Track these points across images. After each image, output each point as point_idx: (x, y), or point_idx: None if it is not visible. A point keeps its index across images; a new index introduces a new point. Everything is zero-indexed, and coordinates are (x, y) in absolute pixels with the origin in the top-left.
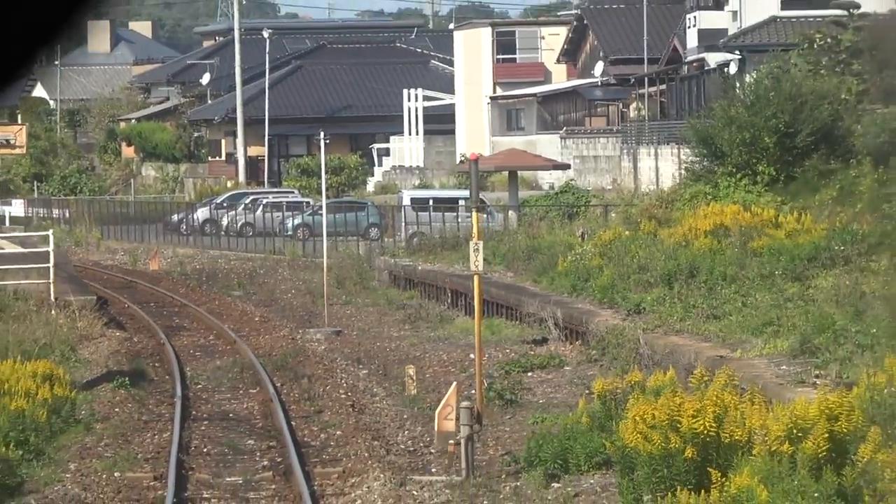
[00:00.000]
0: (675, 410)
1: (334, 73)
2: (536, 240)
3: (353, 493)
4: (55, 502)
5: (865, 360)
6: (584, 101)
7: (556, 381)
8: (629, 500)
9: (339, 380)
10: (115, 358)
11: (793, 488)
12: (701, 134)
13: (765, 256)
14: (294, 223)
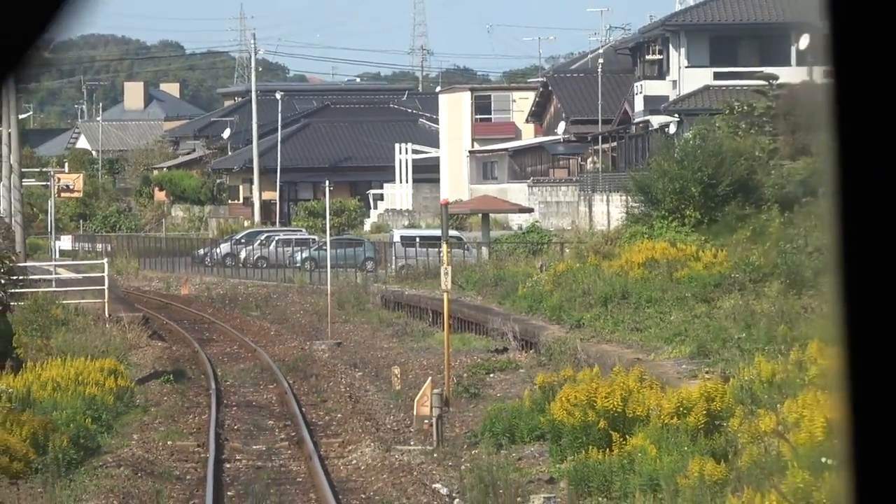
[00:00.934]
0: (593, 393)
1: (337, 129)
2: (502, 270)
3: (350, 457)
4: (125, 460)
5: (744, 360)
6: (549, 155)
7: (512, 380)
8: (557, 460)
9: (340, 379)
10: (160, 361)
11: (675, 448)
12: (639, 184)
13: (684, 283)
14: (302, 256)
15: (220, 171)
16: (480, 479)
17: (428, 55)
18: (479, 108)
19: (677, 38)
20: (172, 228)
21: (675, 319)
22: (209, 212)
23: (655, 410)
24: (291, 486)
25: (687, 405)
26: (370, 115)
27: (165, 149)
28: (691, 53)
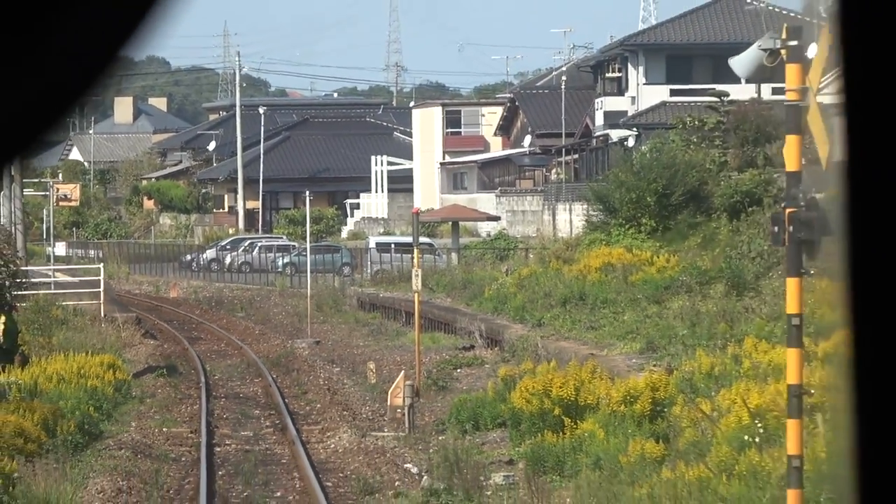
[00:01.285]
0: (549, 383)
1: (316, 142)
2: (471, 274)
3: (329, 442)
4: (126, 444)
5: (687, 355)
6: (516, 167)
7: (478, 375)
8: (516, 444)
9: (319, 373)
10: (153, 358)
11: (621, 431)
12: (598, 194)
13: (638, 286)
14: (283, 262)
15: (206, 181)
16: (447, 459)
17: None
18: (449, 122)
19: (636, 57)
20: (160, 236)
21: (627, 319)
22: (195, 220)
23: (605, 399)
24: (277, 466)
25: (634, 394)
26: (347, 129)
27: (154, 160)
28: (649, 71)
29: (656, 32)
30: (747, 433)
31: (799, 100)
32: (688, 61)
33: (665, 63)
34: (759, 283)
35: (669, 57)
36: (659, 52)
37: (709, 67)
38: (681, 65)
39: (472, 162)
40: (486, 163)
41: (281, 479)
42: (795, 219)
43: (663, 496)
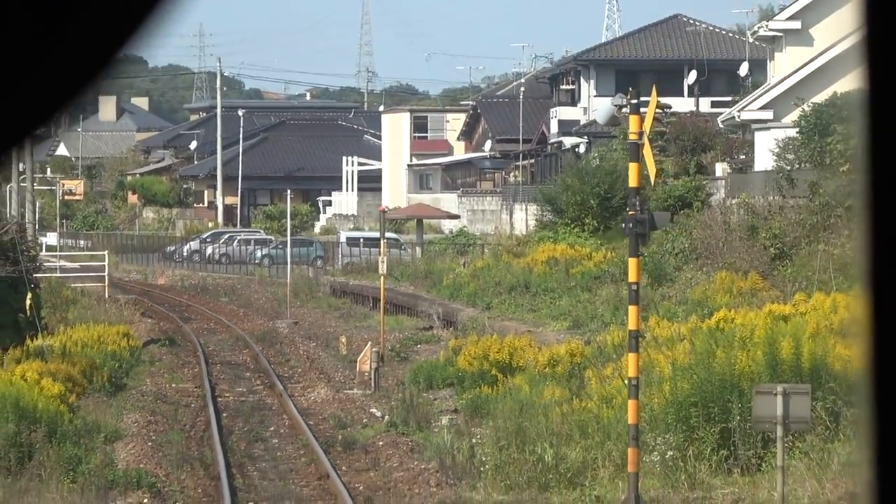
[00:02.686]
0: (487, 349)
1: (292, 143)
2: (432, 265)
3: (309, 395)
4: (146, 393)
5: (604, 331)
6: (477, 169)
7: (434, 349)
8: (460, 397)
9: (298, 347)
10: (153, 332)
11: (544, 387)
12: (547, 196)
13: (576, 277)
14: (261, 254)
15: (187, 177)
16: (404, 403)
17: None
18: (416, 126)
19: (588, 71)
20: (144, 228)
21: (563, 304)
22: (176, 214)
23: (533, 362)
24: (268, 411)
25: (556, 359)
26: (321, 131)
27: (138, 157)
28: (599, 84)
29: (607, 49)
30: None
31: (637, 139)
32: (635, 76)
33: (615, 77)
34: (676, 275)
35: (618, 71)
36: (609, 66)
37: (654, 81)
38: (628, 79)
39: (436, 164)
40: (449, 165)
41: (273, 420)
42: (634, 219)
43: (557, 421)
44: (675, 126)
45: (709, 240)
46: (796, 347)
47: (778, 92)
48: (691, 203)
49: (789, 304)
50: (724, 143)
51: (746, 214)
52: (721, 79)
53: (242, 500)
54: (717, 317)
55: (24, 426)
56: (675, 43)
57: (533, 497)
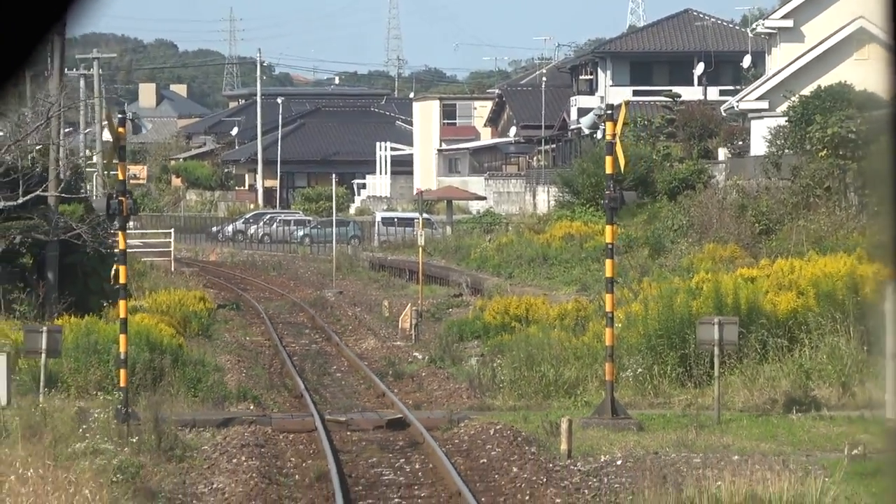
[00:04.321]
0: (508, 305)
1: (327, 128)
2: (461, 242)
3: (361, 345)
4: (229, 342)
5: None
6: (502, 154)
7: (463, 312)
8: (485, 344)
9: (345, 311)
10: (218, 299)
11: (553, 334)
12: (565, 179)
13: (588, 251)
14: (301, 234)
15: (229, 162)
16: (441, 346)
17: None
18: (446, 114)
19: (605, 63)
20: (187, 210)
21: (575, 272)
22: (218, 196)
23: (545, 315)
24: (329, 357)
25: (564, 313)
26: (354, 118)
27: (180, 142)
28: (615, 75)
29: (622, 42)
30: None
31: (612, 138)
32: (648, 67)
33: (629, 68)
34: (672, 247)
35: (633, 63)
36: (624, 58)
37: (666, 72)
38: (642, 70)
39: (464, 149)
40: (476, 150)
41: (334, 362)
42: (609, 197)
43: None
44: (684, 114)
45: (703, 217)
46: (735, 294)
47: (772, 84)
48: (694, 185)
49: (756, 268)
50: (726, 130)
51: (738, 195)
52: (728, 69)
53: (322, 409)
54: (696, 278)
55: (156, 355)
56: (686, 36)
57: (539, 403)
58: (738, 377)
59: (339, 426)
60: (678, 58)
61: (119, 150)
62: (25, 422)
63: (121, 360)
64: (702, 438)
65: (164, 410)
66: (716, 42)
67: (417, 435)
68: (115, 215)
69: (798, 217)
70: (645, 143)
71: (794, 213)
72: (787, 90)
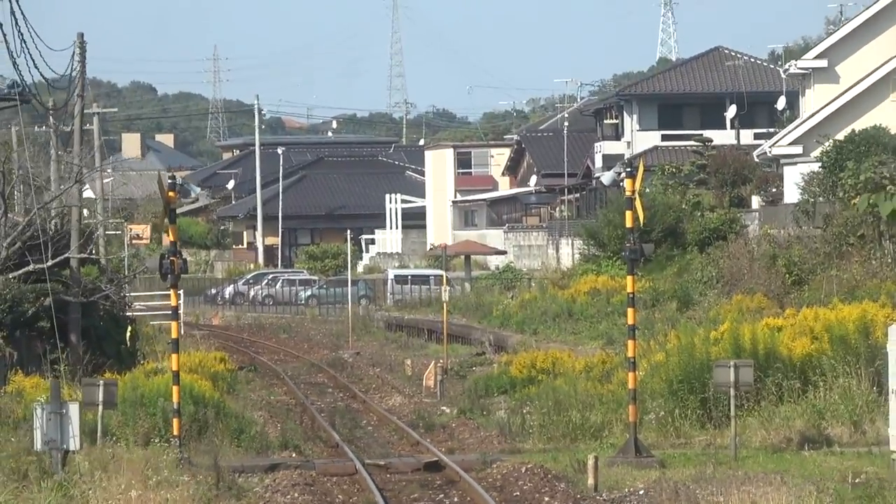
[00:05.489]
0: (534, 359)
1: (331, 180)
2: (480, 299)
3: (387, 402)
4: (256, 402)
5: None
6: (522, 205)
7: (487, 370)
8: (513, 400)
9: (366, 371)
10: (233, 362)
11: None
12: (590, 231)
13: (616, 305)
14: (306, 294)
15: (225, 218)
16: (469, 398)
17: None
18: (460, 162)
19: (630, 106)
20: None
21: (601, 327)
22: (215, 255)
23: (571, 368)
24: (357, 412)
25: (591, 365)
26: (361, 168)
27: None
28: (642, 118)
29: (649, 83)
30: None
31: (632, 195)
32: (677, 109)
33: (657, 111)
34: (700, 300)
35: (661, 105)
36: (651, 101)
37: (696, 114)
38: (671, 112)
39: (481, 200)
40: (494, 201)
41: (363, 417)
42: (629, 249)
43: (584, 394)
44: (716, 159)
45: (733, 268)
46: (753, 340)
47: (806, 128)
48: (726, 235)
49: (781, 318)
50: (760, 176)
51: (768, 245)
52: (763, 111)
53: (359, 456)
54: (721, 328)
55: (199, 408)
56: (717, 76)
57: (567, 445)
58: (755, 418)
59: (378, 469)
60: (709, 99)
61: (169, 213)
62: (99, 464)
63: (174, 410)
64: (719, 472)
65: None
66: (749, 82)
67: (453, 475)
68: (167, 274)
69: (831, 266)
70: (674, 192)
71: (827, 263)
72: (821, 134)
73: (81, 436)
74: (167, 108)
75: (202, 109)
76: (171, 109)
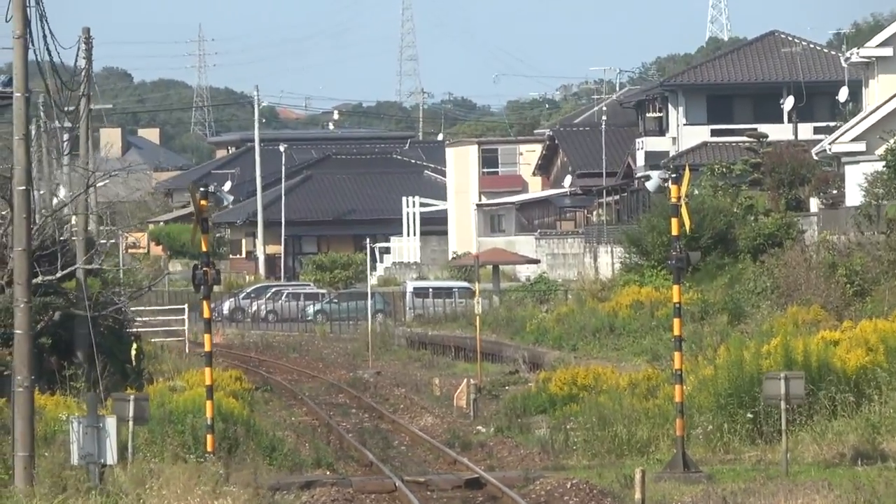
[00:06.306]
0: (575, 375)
1: (340, 181)
2: (512, 313)
3: (418, 422)
4: (277, 423)
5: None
6: (556, 208)
7: (522, 389)
8: (553, 419)
9: (390, 391)
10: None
11: (626, 404)
12: (632, 238)
13: (660, 319)
14: (314, 310)
15: (221, 224)
16: (507, 416)
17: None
18: (486, 161)
19: (676, 97)
20: (171, 284)
21: (646, 343)
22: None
23: (615, 385)
24: (387, 433)
25: (635, 382)
26: (373, 166)
27: (158, 201)
28: (689, 111)
29: (697, 72)
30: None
31: (678, 201)
32: (728, 101)
33: (706, 103)
34: (753, 312)
35: (710, 97)
36: (699, 91)
37: (749, 107)
38: (721, 105)
39: (510, 203)
40: (524, 204)
41: (394, 437)
42: (675, 257)
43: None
44: (771, 157)
45: (789, 278)
46: (805, 352)
47: (870, 123)
48: (781, 241)
49: (838, 331)
50: (819, 176)
51: (827, 252)
52: (823, 102)
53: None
54: (773, 342)
55: (229, 425)
56: (772, 64)
57: (612, 462)
58: (807, 433)
59: (417, 487)
60: (763, 90)
61: (201, 222)
62: (136, 478)
63: (207, 426)
64: (769, 487)
65: (249, 475)
66: (808, 70)
67: (496, 491)
68: (200, 285)
69: (895, 276)
70: (724, 194)
71: (891, 272)
72: (886, 130)
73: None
74: (145, 98)
75: (185, 98)
76: (149, 99)
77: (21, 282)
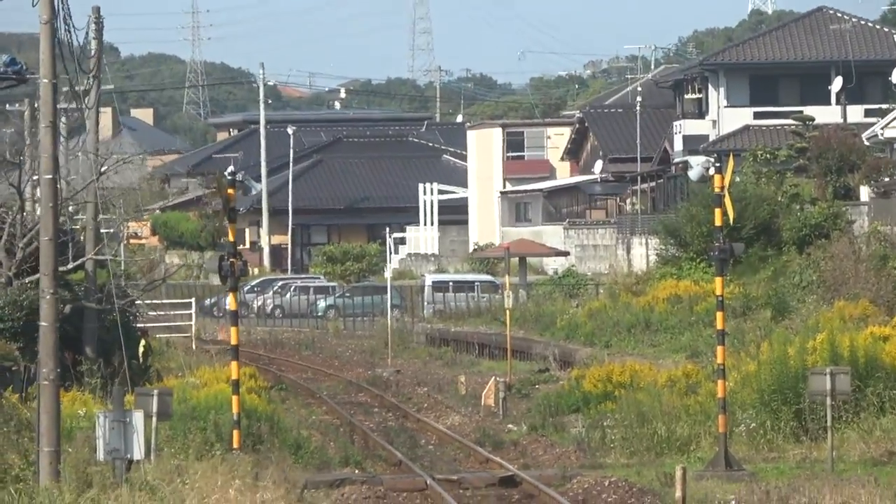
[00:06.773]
0: (610, 372)
1: (352, 166)
2: (541, 308)
3: (445, 421)
4: (300, 419)
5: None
6: (586, 196)
7: (552, 388)
8: (588, 417)
9: (413, 390)
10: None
11: (665, 401)
12: (669, 228)
13: (701, 314)
14: (325, 305)
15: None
16: (541, 414)
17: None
18: (510, 144)
19: (716, 78)
20: (169, 278)
21: (684, 339)
22: (210, 258)
23: (652, 382)
24: (413, 432)
25: (674, 379)
26: (387, 150)
27: (154, 187)
28: (731, 93)
29: (738, 51)
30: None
31: (721, 190)
32: (772, 81)
33: (748, 84)
34: (799, 307)
35: (753, 77)
36: (742, 71)
37: (795, 88)
38: (765, 85)
39: (536, 190)
40: (552, 191)
41: (421, 436)
42: (718, 249)
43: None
44: (818, 142)
45: (836, 271)
46: (852, 347)
47: None
48: (829, 232)
49: (888, 327)
50: (870, 163)
51: (878, 244)
52: (875, 83)
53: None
54: (818, 338)
55: (252, 421)
56: (820, 42)
57: (651, 460)
58: (854, 430)
59: (450, 485)
60: (810, 69)
61: (229, 211)
62: (164, 474)
63: (234, 422)
64: (814, 483)
65: (279, 472)
66: (858, 49)
67: (532, 489)
68: (227, 276)
69: None
70: (768, 181)
71: None
72: None
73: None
74: (133, 74)
75: (177, 75)
76: (139, 75)
77: (48, 272)
